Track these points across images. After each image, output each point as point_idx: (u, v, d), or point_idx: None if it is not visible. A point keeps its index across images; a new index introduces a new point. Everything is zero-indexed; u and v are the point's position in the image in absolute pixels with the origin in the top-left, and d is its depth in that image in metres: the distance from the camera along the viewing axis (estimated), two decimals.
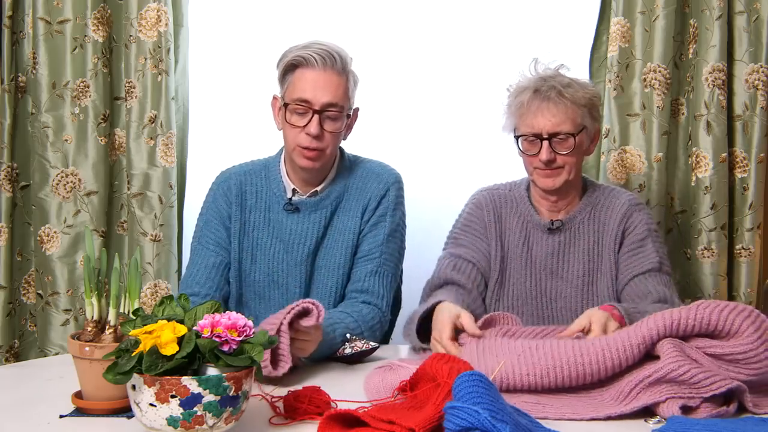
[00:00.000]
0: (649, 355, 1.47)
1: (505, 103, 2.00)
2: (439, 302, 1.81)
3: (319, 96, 1.89)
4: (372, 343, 1.77)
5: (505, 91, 2.00)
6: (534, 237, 2.02)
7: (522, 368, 1.48)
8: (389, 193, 2.03)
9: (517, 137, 1.96)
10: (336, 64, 1.91)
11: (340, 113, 1.92)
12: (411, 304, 2.05)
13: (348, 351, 1.76)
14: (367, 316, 1.91)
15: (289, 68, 1.93)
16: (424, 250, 2.12)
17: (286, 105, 1.92)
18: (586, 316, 1.70)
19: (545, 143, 1.91)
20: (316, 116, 1.89)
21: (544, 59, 1.99)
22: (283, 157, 2.06)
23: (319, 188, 2.01)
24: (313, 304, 1.63)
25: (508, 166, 2.18)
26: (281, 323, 1.57)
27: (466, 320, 1.70)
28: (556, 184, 1.95)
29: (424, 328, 1.84)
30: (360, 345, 1.77)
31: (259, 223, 2.02)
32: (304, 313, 1.62)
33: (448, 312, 1.77)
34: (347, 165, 2.06)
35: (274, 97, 2.02)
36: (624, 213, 1.99)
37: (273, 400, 1.40)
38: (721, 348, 1.44)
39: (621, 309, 1.74)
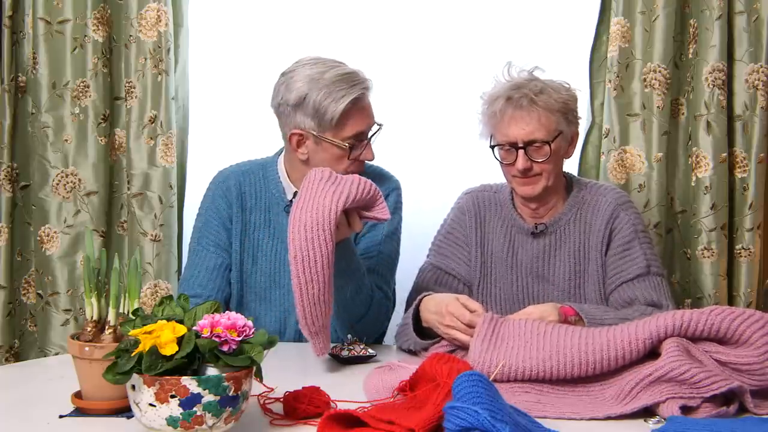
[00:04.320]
0: (654, 352, 1.48)
1: (479, 111, 1.98)
2: (424, 297, 1.86)
3: (370, 122, 1.95)
4: (369, 350, 1.78)
5: (479, 98, 1.98)
6: (518, 241, 2.01)
7: (527, 352, 1.50)
8: (389, 197, 2.03)
9: (492, 146, 1.95)
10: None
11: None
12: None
13: (345, 353, 1.75)
14: (376, 294, 1.93)
15: (348, 109, 1.88)
16: (425, 252, 2.12)
17: (349, 145, 1.90)
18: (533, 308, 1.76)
19: (521, 152, 1.89)
20: (369, 143, 1.94)
21: (520, 61, 1.97)
22: (282, 158, 2.05)
23: None
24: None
25: None
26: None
27: (466, 298, 1.76)
28: (536, 192, 1.93)
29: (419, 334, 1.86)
30: (358, 350, 1.76)
31: (260, 223, 2.02)
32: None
33: (443, 295, 1.84)
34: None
35: (293, 134, 1.92)
36: (611, 213, 1.96)
37: (269, 401, 1.41)
38: (726, 356, 1.45)
39: (584, 314, 1.75)
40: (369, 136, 1.94)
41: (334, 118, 1.87)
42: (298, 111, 1.89)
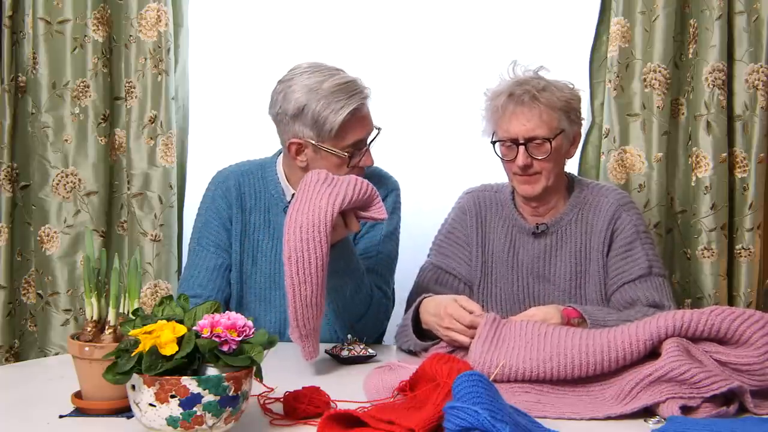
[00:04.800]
0: (654, 352, 1.48)
1: (482, 107, 1.98)
2: (424, 298, 1.86)
3: (369, 129, 1.94)
4: (369, 350, 1.78)
5: (483, 95, 1.98)
6: (520, 241, 2.01)
7: (528, 353, 1.50)
8: (389, 198, 2.04)
9: (494, 142, 1.95)
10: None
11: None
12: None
13: (345, 353, 1.75)
14: (376, 293, 1.93)
15: (347, 119, 1.87)
16: (425, 252, 2.12)
17: (350, 156, 1.90)
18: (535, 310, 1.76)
19: (521, 148, 1.89)
20: (368, 149, 1.94)
21: (526, 60, 1.97)
22: (280, 159, 2.05)
23: None
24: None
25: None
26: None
27: (465, 299, 1.76)
28: (535, 191, 1.93)
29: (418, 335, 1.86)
30: (358, 350, 1.76)
31: (259, 224, 2.02)
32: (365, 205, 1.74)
33: (441, 296, 1.83)
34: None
35: (291, 143, 1.91)
36: (612, 214, 1.96)
37: (269, 401, 1.41)
38: (726, 356, 1.45)
39: (587, 316, 1.75)
40: (368, 141, 1.94)
41: (333, 129, 1.86)
42: (296, 121, 1.89)
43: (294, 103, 1.88)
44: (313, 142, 1.89)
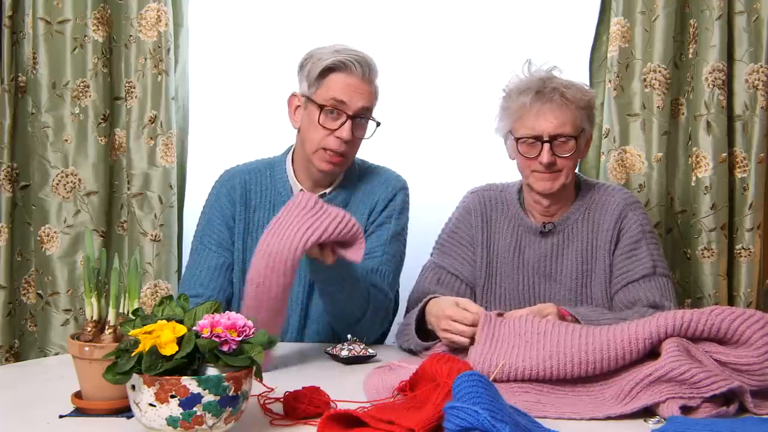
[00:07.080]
0: (654, 352, 1.48)
1: (501, 105, 1.97)
2: (430, 299, 1.85)
3: (355, 100, 1.91)
4: (369, 350, 1.77)
5: (501, 92, 1.98)
6: (526, 240, 2.01)
7: (528, 352, 1.50)
8: (396, 197, 2.03)
9: (517, 139, 1.94)
10: (371, 73, 1.93)
11: (369, 119, 1.95)
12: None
13: (345, 353, 1.75)
14: (376, 295, 1.92)
15: (326, 71, 1.90)
16: (427, 253, 2.12)
17: (321, 107, 1.90)
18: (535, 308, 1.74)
19: (546, 146, 1.89)
20: (349, 121, 1.90)
21: (536, 60, 1.97)
22: (290, 156, 2.05)
23: (327, 190, 2.00)
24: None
25: (512, 171, 2.17)
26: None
27: (467, 301, 1.74)
28: (554, 188, 1.93)
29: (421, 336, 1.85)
30: (358, 350, 1.76)
31: (264, 222, 2.01)
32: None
33: (445, 298, 1.81)
34: (356, 169, 2.06)
35: (293, 95, 1.99)
36: (619, 213, 1.97)
37: (269, 401, 1.41)
38: (726, 356, 1.45)
39: (580, 317, 1.74)
40: (352, 115, 1.91)
41: (314, 73, 1.91)
42: (300, 74, 1.96)
43: (303, 57, 1.96)
44: (303, 94, 1.93)
